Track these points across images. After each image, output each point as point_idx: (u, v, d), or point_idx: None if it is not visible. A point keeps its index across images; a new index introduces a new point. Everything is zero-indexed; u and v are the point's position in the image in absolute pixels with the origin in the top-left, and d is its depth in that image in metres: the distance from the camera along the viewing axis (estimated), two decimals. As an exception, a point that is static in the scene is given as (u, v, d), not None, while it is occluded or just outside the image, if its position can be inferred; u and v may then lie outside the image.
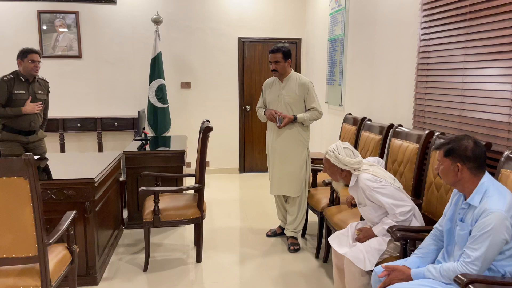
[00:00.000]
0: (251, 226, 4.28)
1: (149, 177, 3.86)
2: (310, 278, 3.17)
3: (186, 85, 6.24)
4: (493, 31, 2.46)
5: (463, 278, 1.69)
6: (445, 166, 1.92)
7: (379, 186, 2.39)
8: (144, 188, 3.23)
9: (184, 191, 3.89)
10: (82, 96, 5.99)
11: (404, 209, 2.36)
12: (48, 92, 3.96)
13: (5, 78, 3.64)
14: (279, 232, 3.98)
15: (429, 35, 3.09)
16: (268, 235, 3.99)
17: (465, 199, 1.90)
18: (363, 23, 4.29)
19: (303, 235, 3.95)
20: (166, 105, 5.73)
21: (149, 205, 3.34)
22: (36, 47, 5.89)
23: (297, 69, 6.45)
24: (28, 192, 2.07)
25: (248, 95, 6.42)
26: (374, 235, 2.45)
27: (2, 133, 3.70)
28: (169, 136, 5.39)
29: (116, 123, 5.86)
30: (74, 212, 2.57)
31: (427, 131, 2.86)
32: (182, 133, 6.02)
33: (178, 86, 6.22)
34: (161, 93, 5.67)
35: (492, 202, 1.76)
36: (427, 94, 3.12)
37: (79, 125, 5.77)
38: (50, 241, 2.19)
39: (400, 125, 3.28)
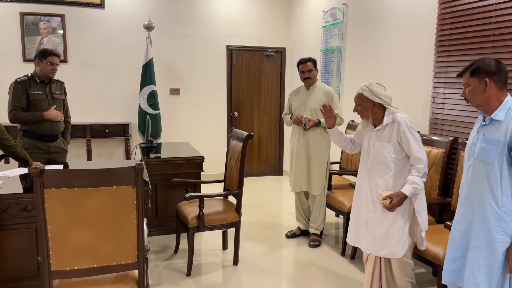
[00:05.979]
0: (268, 229, 4.44)
1: (168, 183, 3.90)
2: (344, 274, 3.43)
3: (175, 91, 6.25)
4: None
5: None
6: (472, 86, 2.02)
7: (414, 128, 2.59)
8: (190, 194, 3.30)
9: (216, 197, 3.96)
10: (68, 102, 5.76)
11: (425, 158, 2.53)
12: (66, 94, 3.87)
13: (19, 80, 3.53)
14: (298, 234, 4.20)
15: (447, 53, 3.49)
16: (287, 236, 4.19)
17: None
18: (364, 36, 4.65)
19: (320, 235, 4.20)
20: (157, 112, 5.72)
21: (189, 211, 3.39)
22: (18, 50, 5.67)
23: (282, 77, 6.72)
24: (134, 200, 2.11)
25: (236, 101, 6.57)
26: (406, 196, 2.52)
27: (24, 139, 3.56)
28: (164, 143, 5.37)
29: (106, 130, 5.73)
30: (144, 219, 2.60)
31: (451, 138, 3.24)
32: (171, 140, 6.03)
33: (167, 92, 6.21)
34: (153, 99, 5.65)
35: None
36: (445, 104, 3.52)
37: (67, 132, 5.55)
38: (149, 247, 2.24)
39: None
